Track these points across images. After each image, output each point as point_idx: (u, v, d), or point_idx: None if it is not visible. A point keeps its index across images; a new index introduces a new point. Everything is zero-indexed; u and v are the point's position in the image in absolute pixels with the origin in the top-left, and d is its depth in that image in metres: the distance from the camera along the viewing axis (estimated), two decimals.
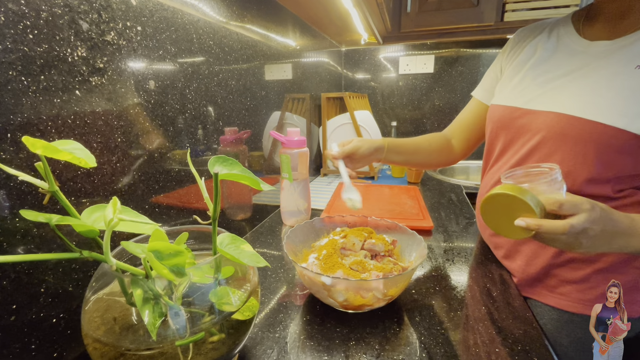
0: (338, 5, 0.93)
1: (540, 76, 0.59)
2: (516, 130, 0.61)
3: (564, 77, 0.56)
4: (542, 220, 0.43)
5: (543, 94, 0.57)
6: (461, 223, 0.85)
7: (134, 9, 0.47)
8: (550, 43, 0.61)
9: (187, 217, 0.61)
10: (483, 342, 0.43)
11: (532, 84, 0.60)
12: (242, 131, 0.79)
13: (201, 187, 0.34)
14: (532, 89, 0.60)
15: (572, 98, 0.53)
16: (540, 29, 0.65)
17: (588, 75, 0.53)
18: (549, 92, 0.57)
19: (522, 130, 0.59)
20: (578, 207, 0.43)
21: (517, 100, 0.61)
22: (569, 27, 0.60)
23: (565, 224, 0.42)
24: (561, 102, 0.54)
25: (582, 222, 0.42)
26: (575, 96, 0.53)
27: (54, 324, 0.38)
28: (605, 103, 0.50)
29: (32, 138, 0.24)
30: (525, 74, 0.62)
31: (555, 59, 0.59)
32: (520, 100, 0.60)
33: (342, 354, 0.42)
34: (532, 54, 0.63)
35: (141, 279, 0.29)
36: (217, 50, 0.67)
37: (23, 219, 0.35)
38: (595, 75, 0.52)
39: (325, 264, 0.50)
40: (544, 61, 0.60)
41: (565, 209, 0.43)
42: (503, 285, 0.57)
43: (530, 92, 0.60)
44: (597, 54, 0.54)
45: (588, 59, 0.54)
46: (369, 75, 1.73)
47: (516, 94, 0.62)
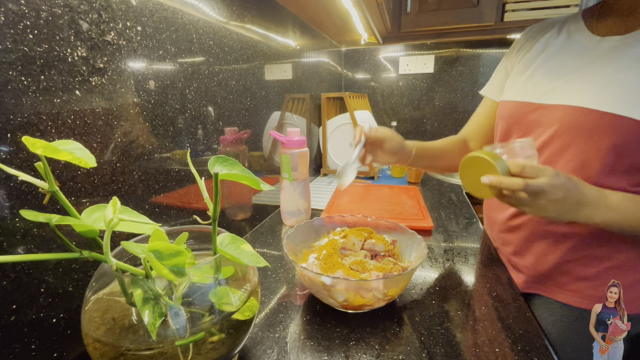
0: (338, 5, 0.93)
1: (551, 71, 0.59)
2: (528, 125, 0.60)
3: (575, 72, 0.56)
4: (502, 177, 0.48)
5: (554, 88, 0.57)
6: (461, 223, 0.85)
7: (134, 9, 0.47)
8: (560, 39, 0.61)
9: (187, 217, 0.61)
10: (483, 342, 0.43)
11: (543, 79, 0.60)
12: (242, 131, 0.79)
13: (201, 187, 0.34)
14: (543, 84, 0.59)
15: (584, 91, 0.53)
16: (550, 26, 0.65)
17: (599, 70, 0.53)
18: (561, 87, 0.57)
19: (535, 125, 0.59)
20: (541, 171, 0.47)
21: (528, 95, 0.61)
22: (579, 23, 0.60)
23: (522, 181, 0.46)
24: (573, 95, 0.54)
25: (540, 184, 0.46)
26: (588, 89, 0.53)
27: (54, 324, 0.38)
28: (618, 95, 0.50)
29: (32, 138, 0.24)
30: (536, 69, 0.62)
31: (565, 54, 0.59)
32: (532, 95, 0.60)
33: (342, 354, 0.42)
34: (542, 50, 0.63)
35: (141, 279, 0.29)
36: (217, 50, 0.67)
37: (23, 219, 0.35)
38: (607, 69, 0.52)
39: (325, 264, 0.50)
40: (554, 57, 0.60)
41: (527, 171, 0.48)
42: (503, 285, 0.57)
43: (542, 87, 0.59)
44: (608, 49, 0.54)
45: (599, 54, 0.55)
46: (369, 75, 1.73)
47: (527, 89, 0.62)
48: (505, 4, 1.26)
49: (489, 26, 1.29)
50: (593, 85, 0.53)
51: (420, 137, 1.72)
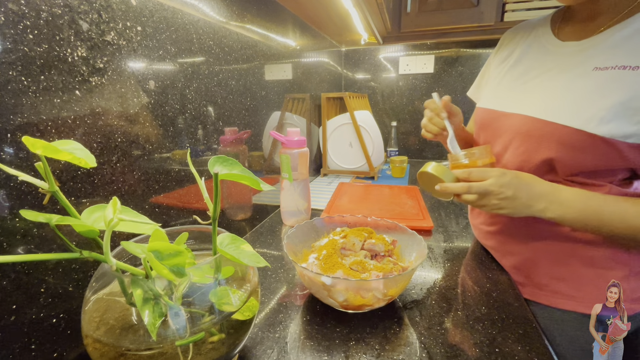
0: (338, 5, 0.93)
1: (516, 78, 0.62)
2: (493, 131, 0.63)
3: (536, 79, 0.58)
4: (449, 184, 0.57)
5: (514, 97, 0.60)
6: (461, 223, 0.85)
7: (134, 9, 0.47)
8: (528, 43, 0.63)
9: (187, 217, 0.61)
10: (483, 342, 0.43)
11: (508, 86, 0.63)
12: (242, 131, 0.79)
13: (201, 187, 0.34)
14: (506, 91, 0.63)
15: (536, 100, 0.56)
16: (523, 29, 0.66)
17: (555, 77, 0.55)
18: (519, 95, 0.60)
19: (497, 132, 0.62)
20: (486, 173, 0.53)
21: (494, 102, 0.64)
22: (546, 27, 0.62)
23: (464, 185, 0.54)
24: (527, 104, 0.57)
25: (484, 185, 0.52)
26: (540, 98, 0.56)
27: (54, 324, 0.38)
28: (564, 104, 0.52)
29: (32, 138, 0.24)
30: (504, 75, 0.65)
31: (530, 59, 0.61)
32: (496, 103, 0.63)
33: (342, 354, 0.42)
34: (511, 53, 0.65)
35: (141, 279, 0.29)
36: (217, 50, 0.67)
37: (23, 219, 0.35)
38: (561, 76, 0.54)
39: (325, 264, 0.50)
40: (520, 61, 0.63)
41: (474, 175, 0.54)
42: (503, 285, 0.57)
43: (504, 95, 0.63)
44: (566, 54, 0.55)
45: (558, 60, 0.56)
46: (369, 75, 1.73)
47: (495, 95, 0.65)
48: (505, 4, 1.26)
49: (489, 26, 1.29)
50: (545, 94, 0.55)
51: (420, 137, 1.72)
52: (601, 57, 0.50)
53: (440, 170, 0.59)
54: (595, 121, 0.48)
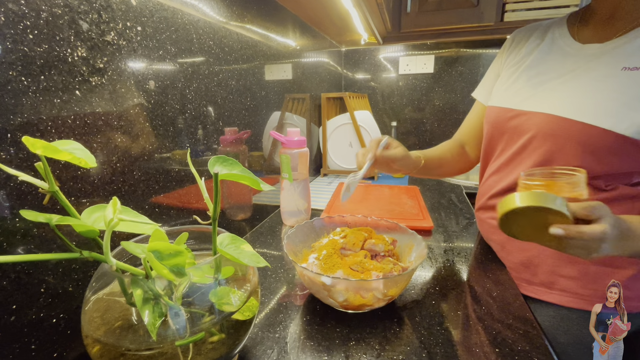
0: (338, 5, 0.93)
1: (534, 78, 0.60)
2: (510, 130, 0.62)
3: (556, 80, 0.57)
4: (582, 227, 0.40)
5: (534, 95, 0.59)
6: (461, 223, 0.85)
7: (134, 9, 0.47)
8: (544, 45, 0.62)
9: (187, 217, 0.61)
10: (483, 342, 0.43)
11: (525, 85, 0.61)
12: (242, 131, 0.79)
13: (201, 187, 0.34)
14: (525, 90, 0.61)
15: (562, 100, 0.55)
16: (537, 30, 0.66)
17: (579, 78, 0.54)
18: (541, 94, 0.58)
19: (516, 131, 0.61)
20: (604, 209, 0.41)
21: (510, 101, 0.62)
22: (563, 29, 0.61)
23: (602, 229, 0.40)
24: (551, 103, 0.55)
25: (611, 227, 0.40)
26: (565, 98, 0.54)
27: (54, 324, 0.38)
28: (593, 104, 0.51)
29: (32, 138, 0.24)
30: (520, 75, 0.63)
31: (548, 61, 0.60)
32: (514, 101, 0.62)
33: (342, 354, 0.42)
34: (527, 55, 0.64)
35: (141, 279, 0.29)
36: (217, 50, 0.67)
37: (23, 219, 0.35)
38: (586, 77, 0.53)
39: (325, 264, 0.50)
40: (538, 63, 0.62)
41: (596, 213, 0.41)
42: (503, 285, 0.57)
43: (523, 93, 0.61)
44: (588, 56, 0.55)
45: (580, 62, 0.55)
46: (369, 75, 1.73)
47: (510, 95, 0.63)
48: (505, 4, 1.26)
49: (489, 26, 1.29)
50: (570, 94, 0.54)
51: (420, 137, 1.72)
52: (629, 57, 0.49)
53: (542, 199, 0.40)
54: (627, 122, 0.47)
